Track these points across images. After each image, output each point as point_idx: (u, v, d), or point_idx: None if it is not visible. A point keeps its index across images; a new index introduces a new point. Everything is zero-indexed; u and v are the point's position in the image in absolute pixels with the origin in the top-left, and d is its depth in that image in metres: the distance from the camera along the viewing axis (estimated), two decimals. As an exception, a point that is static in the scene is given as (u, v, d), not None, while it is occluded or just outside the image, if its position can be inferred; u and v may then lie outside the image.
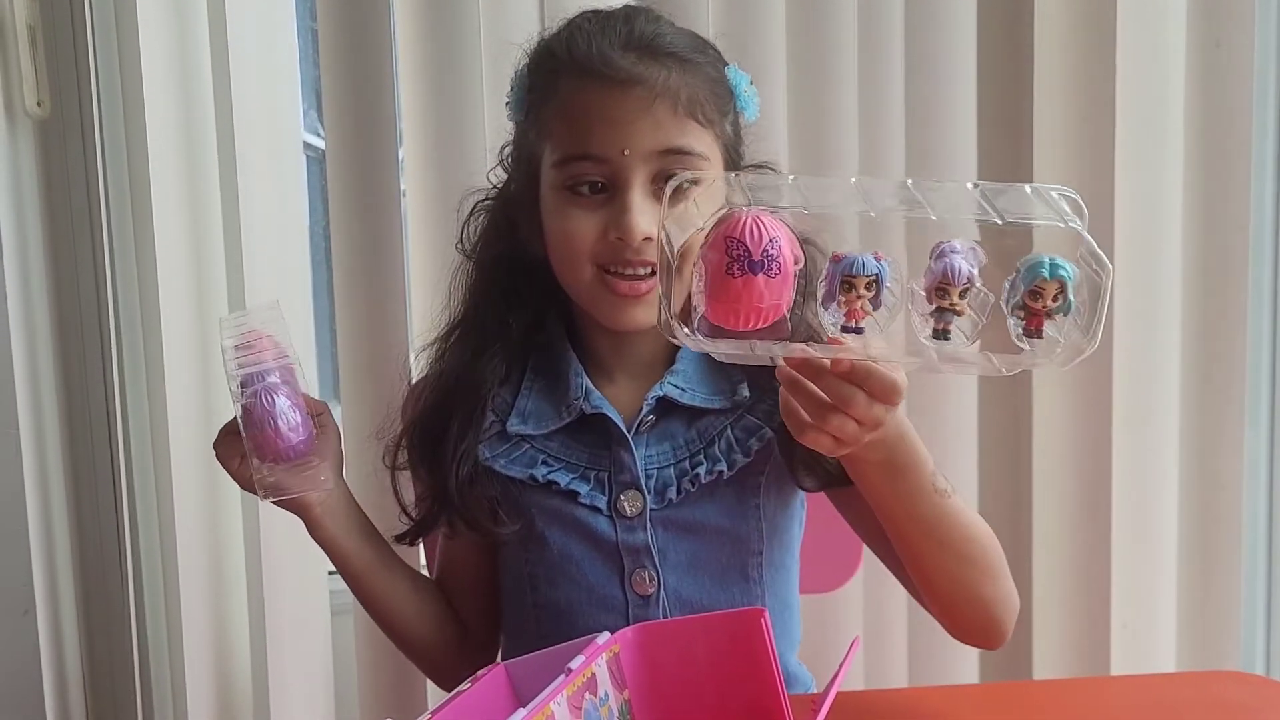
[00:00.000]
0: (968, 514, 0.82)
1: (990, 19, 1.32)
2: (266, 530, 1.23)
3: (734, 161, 0.89)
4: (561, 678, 0.62)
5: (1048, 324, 0.64)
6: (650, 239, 0.81)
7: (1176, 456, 1.39)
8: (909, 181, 0.66)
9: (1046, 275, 0.63)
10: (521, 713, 0.57)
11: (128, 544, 1.20)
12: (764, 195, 0.67)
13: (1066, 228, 0.62)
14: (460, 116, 1.26)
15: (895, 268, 0.65)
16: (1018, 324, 0.64)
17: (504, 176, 0.96)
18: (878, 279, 0.64)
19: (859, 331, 0.65)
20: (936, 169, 1.31)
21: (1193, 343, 1.37)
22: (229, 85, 1.17)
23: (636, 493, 0.88)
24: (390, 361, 1.20)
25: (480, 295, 0.94)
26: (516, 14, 1.25)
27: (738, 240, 0.65)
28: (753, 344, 0.67)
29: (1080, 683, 1.24)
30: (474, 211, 0.97)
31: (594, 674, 0.65)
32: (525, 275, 0.92)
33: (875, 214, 0.66)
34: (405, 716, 1.29)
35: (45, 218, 1.15)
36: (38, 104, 1.12)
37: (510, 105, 0.92)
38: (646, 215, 0.81)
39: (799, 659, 0.98)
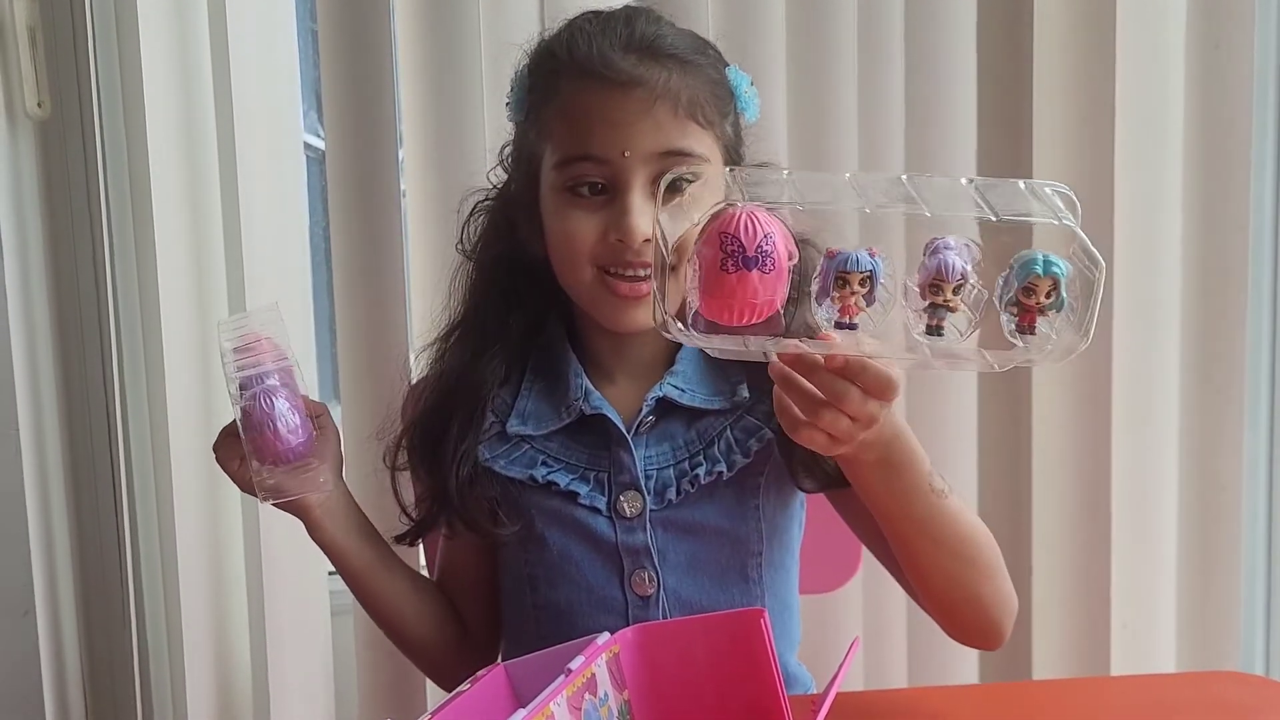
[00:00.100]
0: (965, 514, 0.82)
1: (990, 19, 1.32)
2: (266, 530, 1.23)
3: (734, 162, 0.89)
4: (561, 678, 0.62)
5: (1040, 320, 0.64)
6: (650, 240, 0.81)
7: (1176, 457, 1.39)
8: (904, 176, 0.67)
9: (1040, 272, 0.63)
10: (521, 713, 0.57)
11: (127, 544, 1.20)
12: (759, 190, 0.67)
13: (1060, 224, 0.62)
14: (460, 117, 1.26)
15: (890, 264, 0.65)
16: (1011, 320, 0.64)
17: (504, 177, 0.96)
18: (872, 275, 0.64)
19: (852, 327, 0.65)
20: (936, 169, 1.31)
21: (1192, 343, 1.37)
22: (229, 85, 1.17)
23: (636, 493, 0.88)
24: (390, 362, 1.20)
25: (480, 296, 0.94)
26: (516, 14, 1.26)
27: (732, 236, 0.65)
28: (746, 339, 0.67)
29: (1080, 683, 1.24)
30: (474, 212, 0.97)
31: (594, 674, 0.65)
32: (525, 276, 0.92)
33: (870, 209, 0.65)
34: (405, 717, 1.29)
35: (45, 218, 1.15)
36: (38, 105, 1.12)
37: (510, 106, 0.92)
38: (647, 217, 0.81)
39: (799, 659, 0.98)
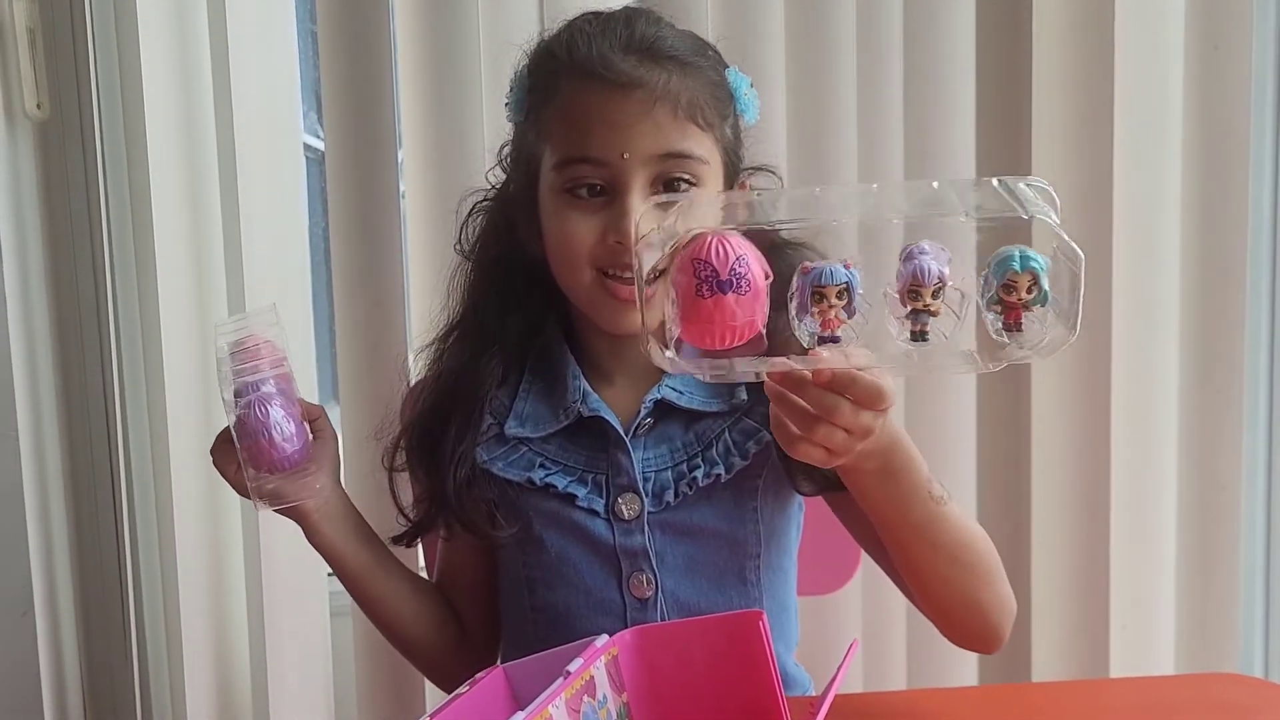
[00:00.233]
0: (963, 520, 0.82)
1: (989, 20, 1.32)
2: (266, 532, 1.23)
3: (734, 164, 0.89)
4: (560, 680, 0.62)
5: (1026, 316, 0.64)
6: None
7: (1175, 457, 1.38)
8: (874, 186, 0.67)
9: (1017, 268, 0.63)
10: (520, 715, 0.57)
11: (127, 545, 1.20)
12: (727, 213, 0.68)
13: (1031, 219, 0.62)
14: (459, 118, 1.26)
15: (865, 273, 0.65)
16: (997, 319, 0.64)
17: (502, 177, 0.96)
18: (848, 286, 0.65)
19: (835, 340, 0.66)
20: (936, 170, 1.31)
21: (1191, 343, 1.37)
22: (229, 87, 1.17)
23: (634, 496, 0.88)
24: (389, 363, 1.20)
25: (478, 296, 0.94)
26: (516, 15, 1.26)
27: (704, 261, 0.66)
28: (734, 361, 0.68)
29: (1079, 685, 1.25)
30: (472, 212, 0.96)
31: (592, 676, 0.65)
32: (524, 276, 0.92)
33: (836, 222, 0.67)
34: (404, 718, 1.30)
35: (45, 220, 1.15)
36: (37, 106, 1.12)
37: (510, 106, 0.92)
38: None
39: (796, 660, 0.98)
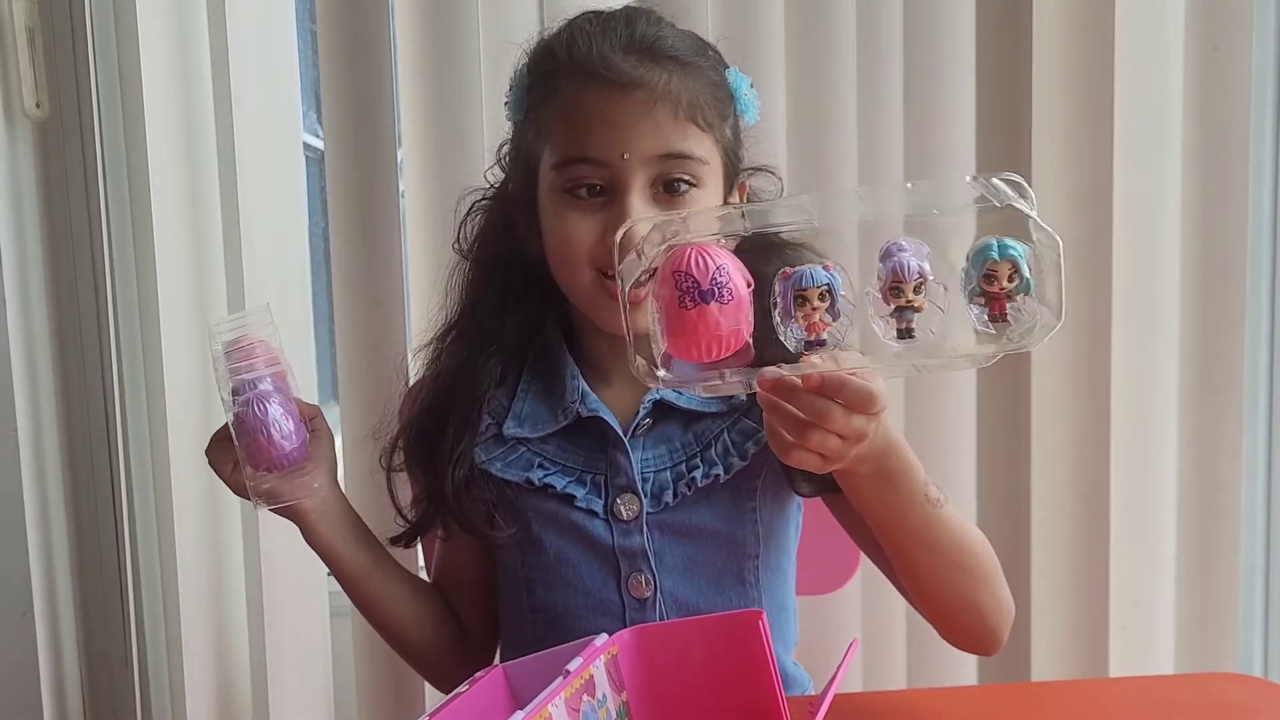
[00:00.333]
0: (960, 522, 0.82)
1: (989, 20, 1.32)
2: (265, 531, 1.23)
3: (734, 165, 0.89)
4: (559, 680, 0.62)
5: (1011, 306, 0.64)
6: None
7: (1175, 457, 1.38)
8: (855, 190, 0.68)
9: (996, 256, 0.63)
10: (520, 715, 0.57)
11: (126, 544, 1.20)
12: (703, 225, 0.69)
13: (1003, 207, 0.63)
14: (459, 117, 1.26)
15: (847, 275, 0.66)
16: (982, 311, 0.64)
17: (501, 176, 0.96)
18: (830, 288, 0.65)
19: (821, 344, 0.66)
20: (936, 170, 1.31)
21: (1191, 343, 1.37)
22: (229, 86, 1.17)
23: (633, 496, 0.87)
24: (389, 363, 1.20)
25: (477, 296, 0.94)
26: (516, 15, 1.26)
27: (685, 273, 0.67)
28: (724, 371, 0.69)
29: (1079, 684, 1.25)
30: (471, 211, 0.96)
31: (592, 676, 0.65)
32: (523, 276, 0.92)
33: (817, 223, 0.67)
34: (404, 718, 1.30)
35: (44, 219, 1.15)
36: (36, 105, 1.12)
37: (509, 105, 0.91)
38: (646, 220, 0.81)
39: (796, 660, 0.98)
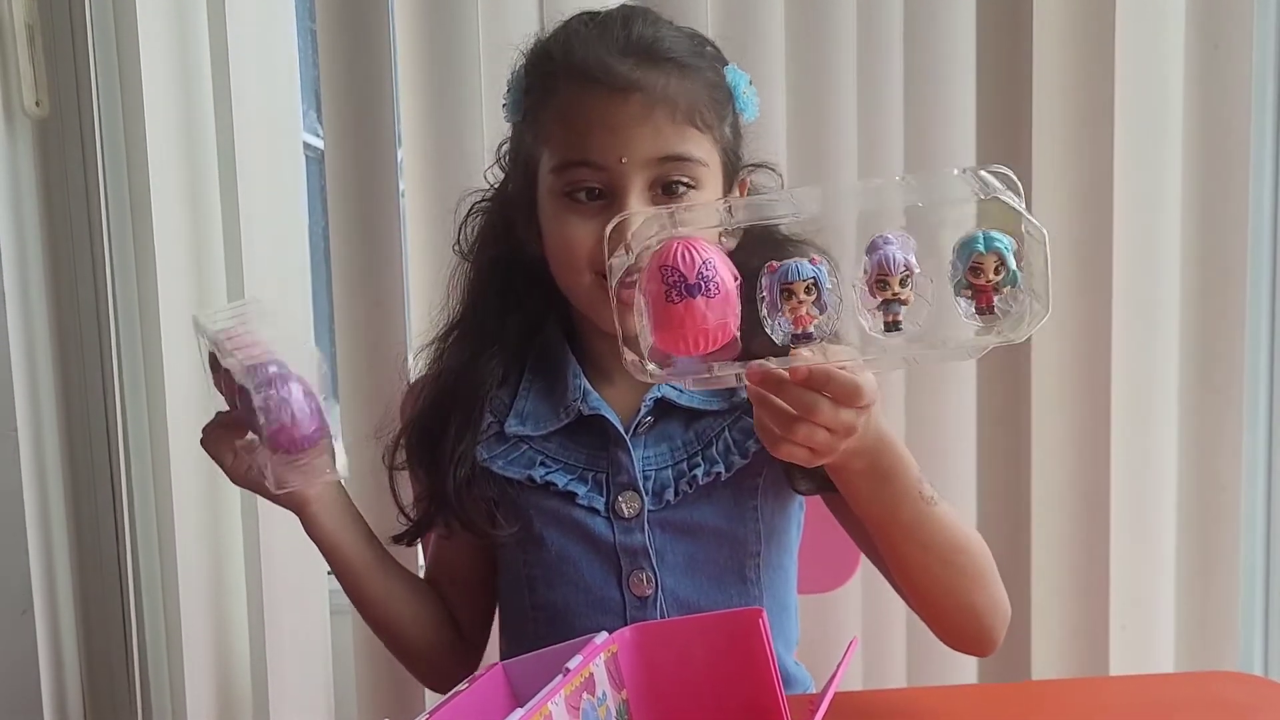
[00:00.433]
0: (955, 521, 0.82)
1: (990, 19, 1.32)
2: (266, 529, 1.23)
3: (733, 164, 0.89)
4: (559, 678, 0.62)
5: (998, 299, 0.64)
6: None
7: (1175, 457, 1.38)
8: (845, 184, 0.68)
9: (982, 249, 0.63)
10: (519, 712, 0.57)
11: (127, 542, 1.20)
12: (693, 219, 0.70)
13: (989, 199, 0.64)
14: (459, 117, 1.26)
15: (834, 268, 0.66)
16: (969, 304, 0.65)
17: (500, 175, 0.96)
18: (816, 282, 0.66)
19: (808, 337, 0.67)
20: (936, 168, 1.31)
21: (1192, 343, 1.37)
22: (229, 85, 1.17)
23: (634, 494, 0.88)
24: (389, 362, 1.20)
25: (478, 296, 0.94)
26: (516, 15, 1.26)
27: (671, 267, 0.67)
28: (712, 365, 0.69)
29: (1079, 683, 1.24)
30: (471, 212, 0.96)
31: (592, 674, 0.65)
32: (523, 276, 0.92)
33: (801, 216, 0.68)
34: (404, 716, 1.29)
35: (44, 217, 1.15)
36: (36, 103, 1.11)
37: (507, 107, 0.91)
38: None
39: (796, 659, 0.98)
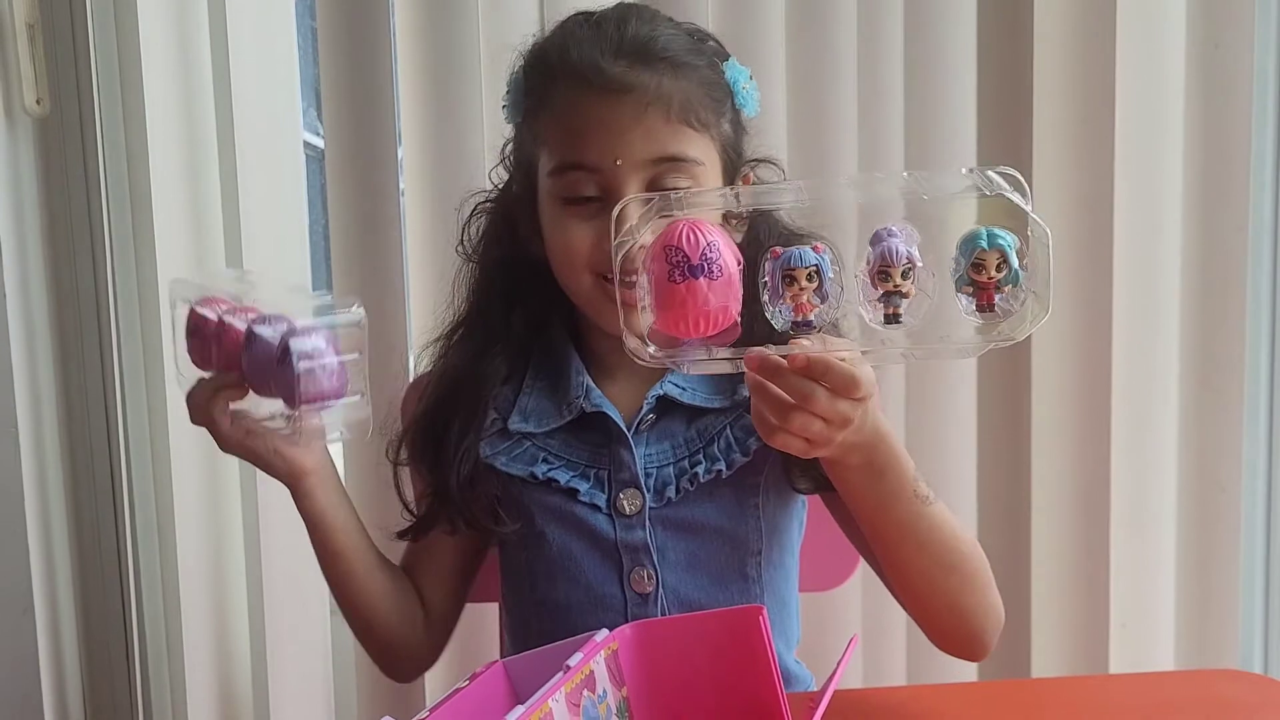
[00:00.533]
0: (949, 522, 0.82)
1: (990, 19, 1.32)
2: (266, 528, 1.23)
3: (733, 161, 0.89)
4: (559, 675, 0.62)
5: (999, 297, 0.64)
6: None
7: (1175, 458, 1.39)
8: (845, 178, 0.69)
9: (985, 245, 0.64)
10: (519, 710, 0.57)
11: (127, 541, 1.20)
12: (697, 206, 0.70)
13: (992, 195, 0.63)
14: (459, 116, 1.26)
15: (837, 257, 0.66)
16: (970, 301, 0.65)
17: (504, 175, 0.96)
18: (818, 270, 0.66)
19: (808, 324, 0.67)
20: (936, 167, 1.31)
21: (1192, 344, 1.37)
22: (229, 85, 1.17)
23: (636, 491, 0.88)
24: (390, 362, 1.20)
25: (482, 295, 0.95)
26: (516, 14, 1.26)
27: (675, 248, 0.67)
28: (711, 348, 0.69)
29: (1079, 681, 1.24)
30: (474, 213, 0.97)
31: (592, 671, 0.65)
32: (527, 275, 0.92)
33: (808, 202, 0.69)
34: (404, 714, 1.29)
35: (44, 216, 1.15)
36: (36, 102, 1.11)
37: (507, 108, 0.92)
38: None
39: (797, 658, 0.98)
